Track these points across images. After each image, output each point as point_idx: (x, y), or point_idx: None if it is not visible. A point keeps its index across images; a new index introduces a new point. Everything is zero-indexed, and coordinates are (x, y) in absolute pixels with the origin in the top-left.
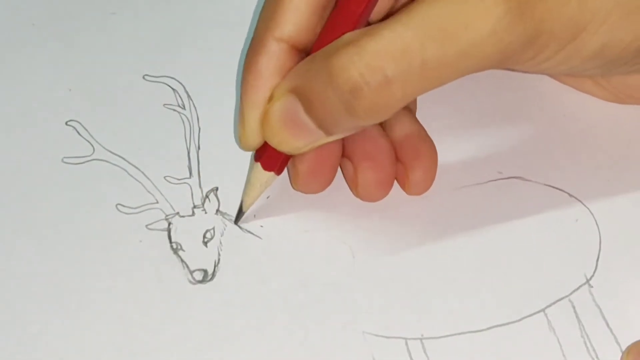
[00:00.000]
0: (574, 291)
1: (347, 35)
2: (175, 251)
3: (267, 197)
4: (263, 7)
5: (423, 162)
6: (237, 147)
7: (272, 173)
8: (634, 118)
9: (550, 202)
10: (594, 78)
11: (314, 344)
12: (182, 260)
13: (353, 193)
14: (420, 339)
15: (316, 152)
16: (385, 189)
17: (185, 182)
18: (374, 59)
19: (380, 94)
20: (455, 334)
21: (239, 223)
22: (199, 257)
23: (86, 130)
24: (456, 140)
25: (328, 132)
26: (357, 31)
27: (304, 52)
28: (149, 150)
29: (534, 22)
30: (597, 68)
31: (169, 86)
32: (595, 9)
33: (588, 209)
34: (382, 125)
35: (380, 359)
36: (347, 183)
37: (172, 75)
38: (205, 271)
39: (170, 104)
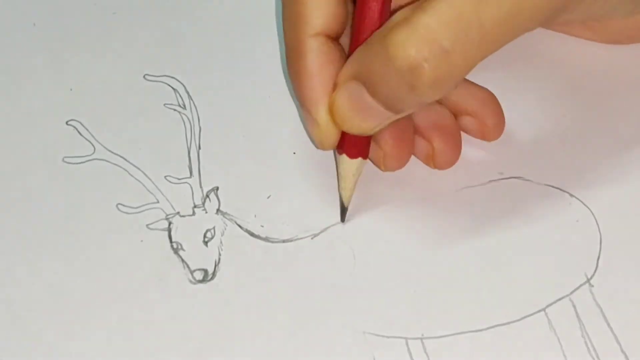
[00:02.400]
0: (574, 290)
1: (400, 13)
2: (175, 251)
3: (268, 197)
4: (284, 11)
5: (491, 106)
6: (237, 146)
7: (359, 159)
8: (635, 118)
9: (551, 202)
10: (590, 26)
11: (314, 344)
12: (182, 260)
13: (430, 165)
14: (421, 339)
15: (394, 130)
16: (459, 151)
17: (185, 182)
18: (429, 33)
19: (441, 68)
20: (455, 334)
21: (345, 221)
22: (200, 257)
23: (87, 129)
24: None
25: (396, 112)
26: (408, 7)
27: (338, 39)
28: (149, 150)
29: None
30: (630, 4)
31: (170, 86)
32: None
33: (589, 209)
34: None
35: (381, 359)
36: (420, 158)
37: (172, 75)
38: (205, 271)
39: (171, 104)
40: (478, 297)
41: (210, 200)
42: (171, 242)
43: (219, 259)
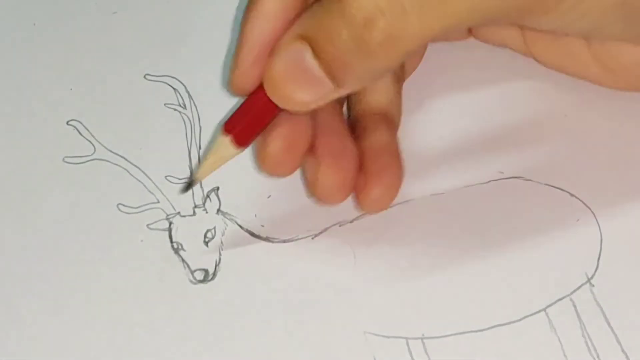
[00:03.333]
0: (575, 290)
1: None
2: (176, 251)
3: (269, 197)
4: None
5: (386, 179)
6: None
7: (240, 149)
8: (634, 117)
9: (551, 201)
10: (602, 62)
11: (314, 344)
12: (183, 260)
13: (309, 192)
14: (422, 339)
15: (287, 132)
16: (344, 194)
17: (186, 182)
18: None
19: (396, 26)
20: (456, 334)
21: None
22: (200, 257)
23: (87, 129)
24: (457, 140)
25: (337, 81)
26: None
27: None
28: (150, 150)
29: None
30: (619, 22)
31: (170, 86)
32: None
33: (589, 208)
34: (356, 131)
35: (381, 359)
36: (305, 181)
37: (173, 75)
38: (206, 271)
39: (171, 104)
40: (478, 297)
41: (210, 200)
42: (172, 242)
43: (220, 259)
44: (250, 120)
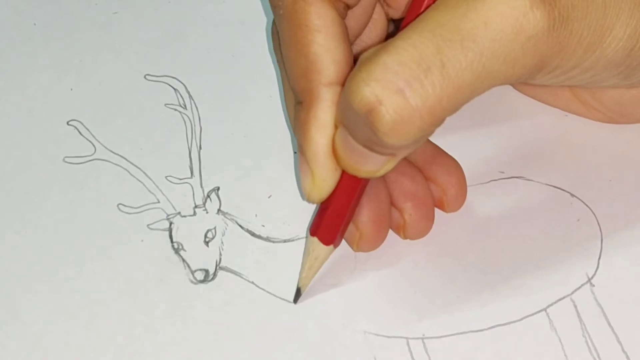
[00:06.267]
0: (575, 290)
1: (365, 53)
2: (176, 251)
3: (269, 197)
4: (289, 60)
5: (455, 177)
6: (238, 146)
7: (331, 247)
8: None
9: (552, 201)
10: (583, 100)
11: (315, 344)
12: (183, 260)
13: (400, 236)
14: (422, 339)
15: (374, 211)
16: (431, 221)
17: (186, 182)
18: (385, 72)
19: (399, 110)
20: (456, 334)
21: (298, 302)
22: (200, 257)
23: (87, 130)
24: (458, 140)
25: (386, 154)
26: (375, 47)
27: None
28: (150, 150)
29: (561, 17)
30: (617, 76)
31: (171, 86)
32: (619, 10)
33: (589, 208)
34: None
35: (382, 359)
36: (391, 228)
37: (173, 75)
38: (206, 271)
39: (172, 104)
40: (479, 297)
41: (211, 200)
42: (172, 242)
43: (220, 259)
44: (330, 220)
